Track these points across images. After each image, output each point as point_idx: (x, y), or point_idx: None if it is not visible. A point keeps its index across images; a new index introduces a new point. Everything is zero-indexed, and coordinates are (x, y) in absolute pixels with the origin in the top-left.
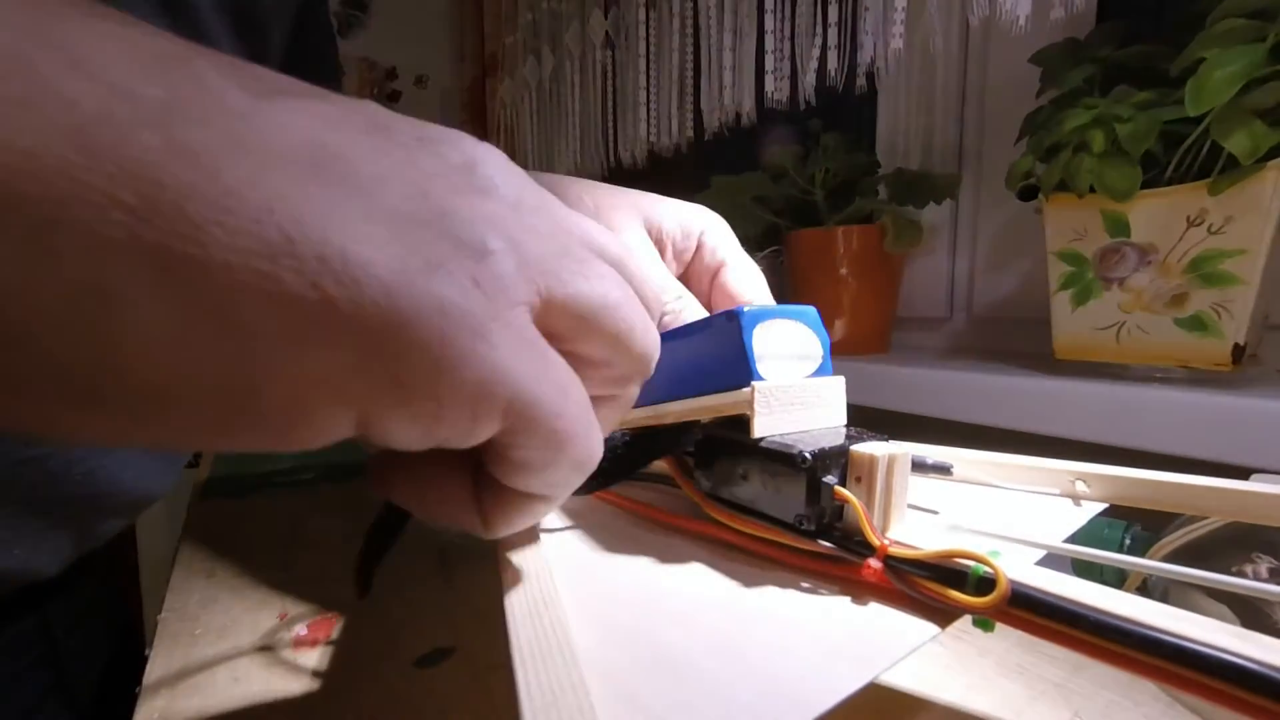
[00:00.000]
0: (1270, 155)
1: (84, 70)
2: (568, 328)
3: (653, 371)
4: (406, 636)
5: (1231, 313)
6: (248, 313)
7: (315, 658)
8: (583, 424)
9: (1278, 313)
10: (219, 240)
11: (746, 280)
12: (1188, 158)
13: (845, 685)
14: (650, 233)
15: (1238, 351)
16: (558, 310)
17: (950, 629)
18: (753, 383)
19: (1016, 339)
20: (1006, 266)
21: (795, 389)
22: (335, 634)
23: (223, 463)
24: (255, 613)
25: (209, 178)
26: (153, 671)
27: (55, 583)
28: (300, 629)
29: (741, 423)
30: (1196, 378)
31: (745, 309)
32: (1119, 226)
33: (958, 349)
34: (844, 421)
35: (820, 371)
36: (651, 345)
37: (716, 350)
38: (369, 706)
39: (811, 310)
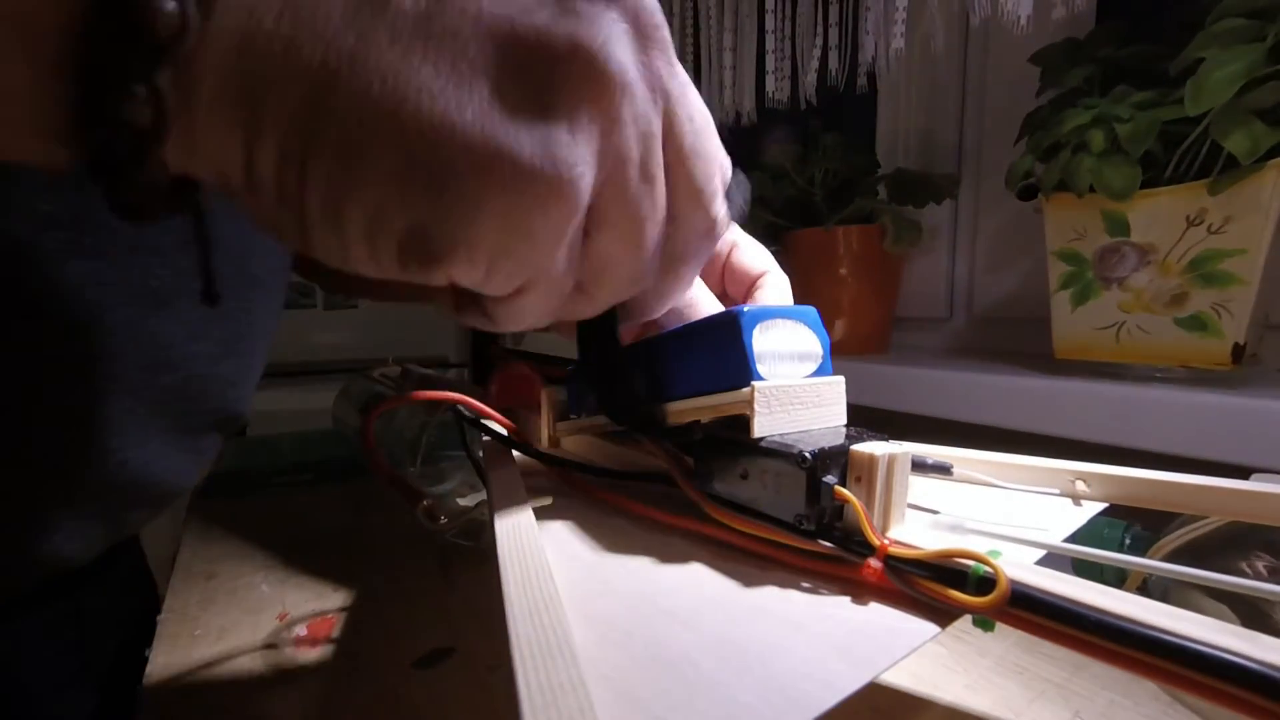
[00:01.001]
0: (1270, 155)
1: None
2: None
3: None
4: (406, 636)
5: (1231, 312)
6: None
7: (315, 658)
8: None
9: (1278, 313)
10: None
11: (756, 257)
12: (1187, 157)
13: (845, 685)
14: None
15: (1238, 351)
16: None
17: (950, 629)
18: (753, 383)
19: (1016, 339)
20: (1006, 266)
21: (795, 389)
22: (335, 634)
23: (223, 461)
24: (255, 613)
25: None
26: (152, 673)
27: (87, 570)
28: (300, 629)
29: (741, 422)
30: (1196, 377)
31: (745, 309)
32: (1118, 226)
33: (958, 349)
34: (844, 421)
35: (820, 371)
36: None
37: (717, 350)
38: (369, 706)
39: (811, 310)
